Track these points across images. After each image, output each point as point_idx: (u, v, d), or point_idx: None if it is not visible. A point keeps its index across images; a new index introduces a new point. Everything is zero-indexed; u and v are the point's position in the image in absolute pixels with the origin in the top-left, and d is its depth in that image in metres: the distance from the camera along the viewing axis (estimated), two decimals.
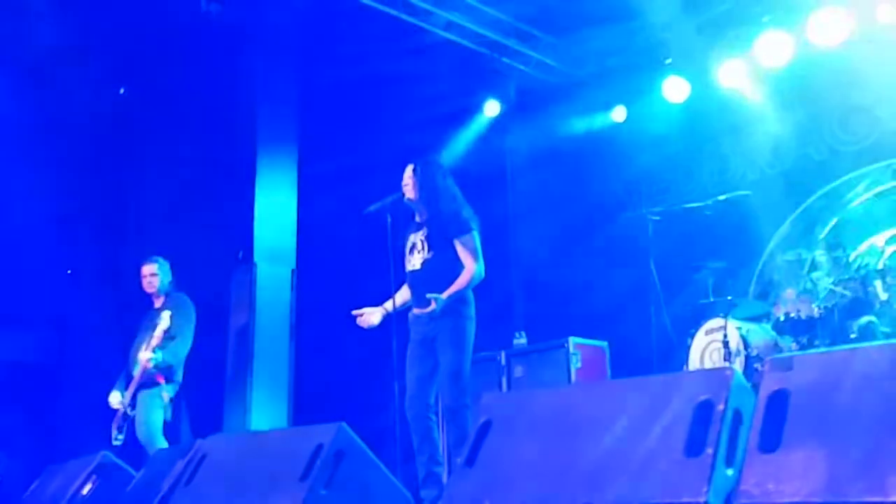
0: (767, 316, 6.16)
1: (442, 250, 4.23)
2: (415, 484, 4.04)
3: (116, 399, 5.36)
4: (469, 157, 7.79)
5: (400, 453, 4.26)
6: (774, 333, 5.85)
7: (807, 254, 6.06)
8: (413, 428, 4.14)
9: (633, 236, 6.27)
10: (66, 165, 7.46)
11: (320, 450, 2.72)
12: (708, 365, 5.90)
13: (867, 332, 5.28)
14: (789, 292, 5.89)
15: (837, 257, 5.85)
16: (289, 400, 6.57)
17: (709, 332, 6.03)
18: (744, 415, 1.91)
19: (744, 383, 1.97)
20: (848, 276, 5.67)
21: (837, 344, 5.14)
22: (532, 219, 8.57)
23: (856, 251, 6.24)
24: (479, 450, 2.36)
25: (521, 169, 8.83)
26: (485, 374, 6.33)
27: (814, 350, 4.46)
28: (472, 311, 4.21)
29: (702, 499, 1.78)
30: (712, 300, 6.04)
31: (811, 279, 5.87)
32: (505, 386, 6.38)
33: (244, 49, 7.18)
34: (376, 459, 2.92)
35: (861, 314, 5.40)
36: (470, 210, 4.36)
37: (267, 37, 7.12)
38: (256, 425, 6.27)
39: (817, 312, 5.56)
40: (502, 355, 6.49)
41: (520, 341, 6.75)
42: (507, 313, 7.97)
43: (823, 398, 1.77)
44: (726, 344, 5.68)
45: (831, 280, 5.70)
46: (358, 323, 4.44)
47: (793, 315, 5.72)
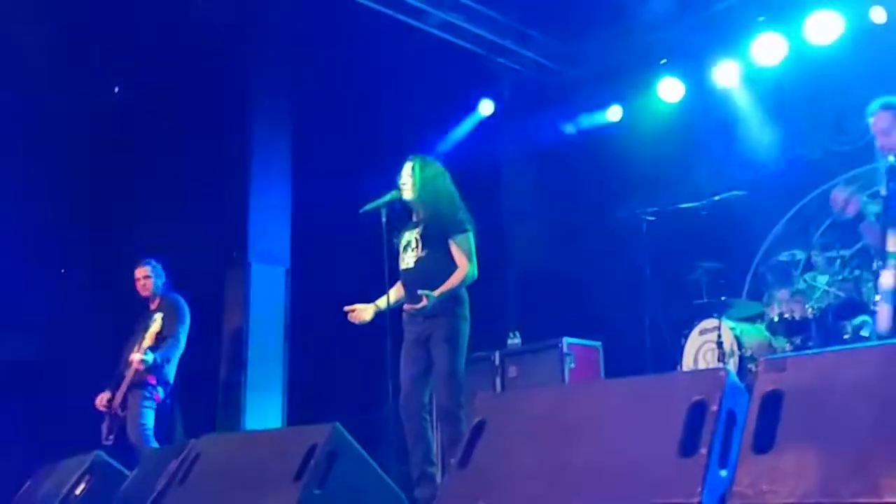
0: (761, 316, 6.16)
1: (436, 249, 4.23)
2: (409, 484, 4.04)
3: (104, 400, 5.35)
4: (463, 156, 7.77)
5: (394, 453, 4.26)
6: (768, 334, 5.85)
7: (801, 254, 6.07)
8: (407, 428, 4.14)
9: (628, 236, 6.27)
10: (58, 165, 7.43)
11: (314, 450, 2.72)
12: (702, 365, 5.90)
13: (861, 333, 5.28)
14: (783, 293, 5.89)
15: (831, 258, 5.85)
16: (283, 400, 6.56)
17: (703, 332, 6.04)
18: (737, 415, 1.91)
19: (738, 384, 1.97)
20: (842, 276, 5.67)
21: (831, 345, 5.14)
22: (526, 218, 8.57)
23: (850, 252, 6.24)
24: (474, 450, 2.36)
25: (515, 168, 8.82)
26: (479, 374, 6.32)
27: (808, 351, 4.46)
28: (466, 311, 4.21)
29: (695, 499, 1.78)
30: (706, 300, 6.04)
31: (805, 280, 5.87)
32: (499, 386, 6.38)
33: (238, 49, 7.16)
34: (370, 460, 2.92)
35: (855, 315, 5.41)
36: (466, 211, 4.36)
37: (261, 36, 7.11)
38: (250, 425, 6.26)
39: (811, 313, 5.56)
40: (496, 355, 6.49)
41: (514, 341, 6.75)
42: (501, 313, 7.96)
43: (817, 399, 1.77)
44: (720, 344, 5.68)
45: (825, 281, 5.70)
46: (349, 319, 4.43)
47: (787, 316, 5.72)
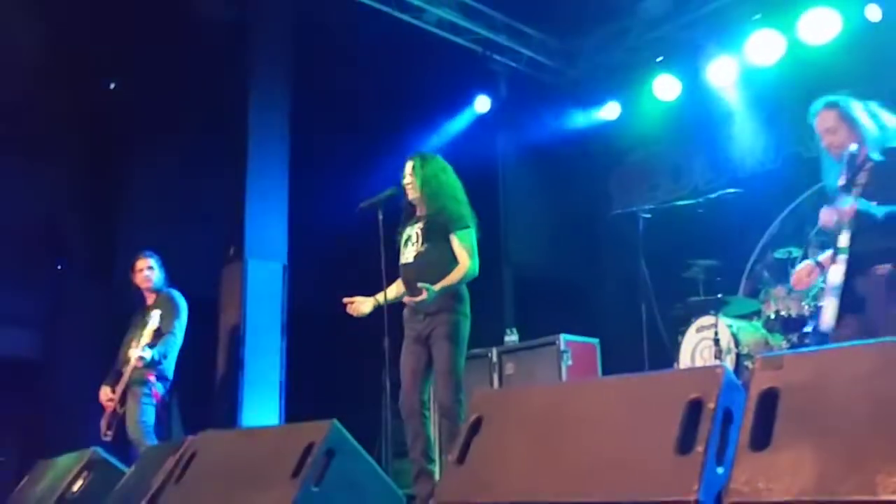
0: (758, 314, 6.17)
1: (436, 244, 4.23)
2: (406, 481, 4.05)
3: (106, 395, 5.34)
4: (460, 153, 7.76)
5: (391, 450, 4.27)
6: (765, 331, 5.86)
7: (797, 252, 6.07)
8: (407, 424, 4.14)
9: (624, 234, 6.27)
10: (55, 161, 7.42)
11: (312, 447, 2.72)
12: (699, 363, 5.91)
13: None
14: (780, 290, 5.90)
15: None
16: (280, 397, 6.56)
17: (699, 329, 6.05)
18: (734, 413, 1.91)
19: (734, 381, 1.97)
20: None
21: (827, 342, 5.15)
22: (523, 216, 8.58)
23: None
24: (470, 446, 2.37)
25: (512, 166, 8.83)
26: (476, 370, 6.33)
27: (804, 348, 4.47)
28: (467, 309, 4.21)
29: (692, 497, 1.78)
30: (703, 298, 6.05)
31: None
32: (496, 383, 6.39)
33: (236, 44, 7.15)
34: (368, 457, 2.92)
35: None
36: (469, 207, 4.36)
37: (259, 33, 7.10)
38: (248, 422, 6.26)
39: (808, 310, 5.57)
40: (494, 352, 6.50)
41: (511, 338, 6.75)
42: (498, 310, 7.98)
43: (813, 397, 1.78)
44: (717, 342, 5.69)
45: (821, 278, 5.71)
46: (348, 311, 4.43)
47: (783, 313, 5.73)
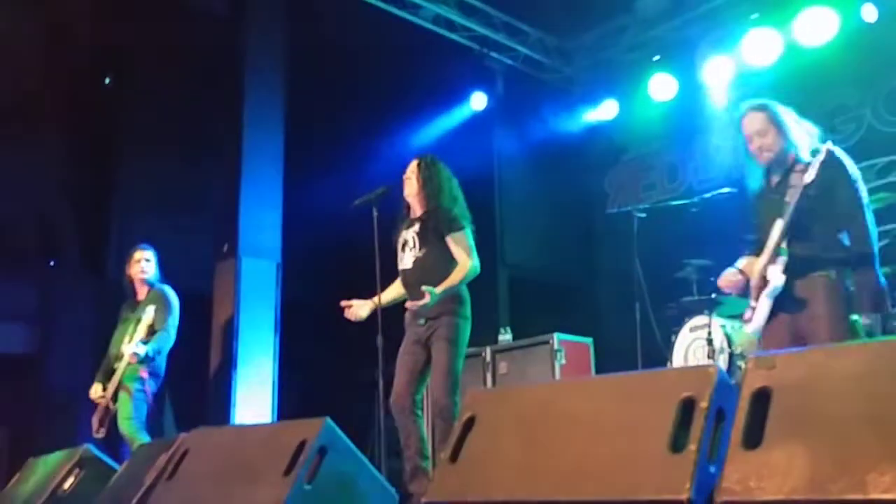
0: None
1: (434, 247, 4.23)
2: (399, 479, 4.04)
3: (97, 392, 5.32)
4: (456, 151, 7.78)
5: (384, 448, 4.26)
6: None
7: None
8: (399, 423, 4.13)
9: (619, 233, 6.28)
10: (49, 156, 7.40)
11: (304, 445, 2.72)
12: (692, 362, 5.92)
13: (850, 331, 5.29)
14: None
15: None
16: (273, 394, 6.55)
17: (693, 329, 6.05)
18: (727, 412, 1.91)
19: (727, 381, 1.98)
20: None
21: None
22: (518, 214, 8.58)
23: None
24: (463, 445, 2.36)
25: (508, 163, 8.83)
26: (470, 370, 6.31)
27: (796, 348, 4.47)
28: (468, 311, 4.22)
29: (684, 495, 1.79)
30: (697, 298, 6.05)
31: None
32: (490, 382, 6.39)
33: (231, 41, 7.14)
34: (360, 455, 2.92)
35: None
36: (465, 209, 4.36)
37: (254, 30, 7.08)
38: (240, 420, 6.25)
39: None
40: (487, 351, 6.49)
41: (505, 337, 6.75)
42: (492, 309, 7.98)
43: (805, 396, 1.78)
44: (710, 342, 5.70)
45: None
46: (346, 315, 4.43)
47: None
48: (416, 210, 4.39)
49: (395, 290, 4.46)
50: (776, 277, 3.56)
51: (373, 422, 5.44)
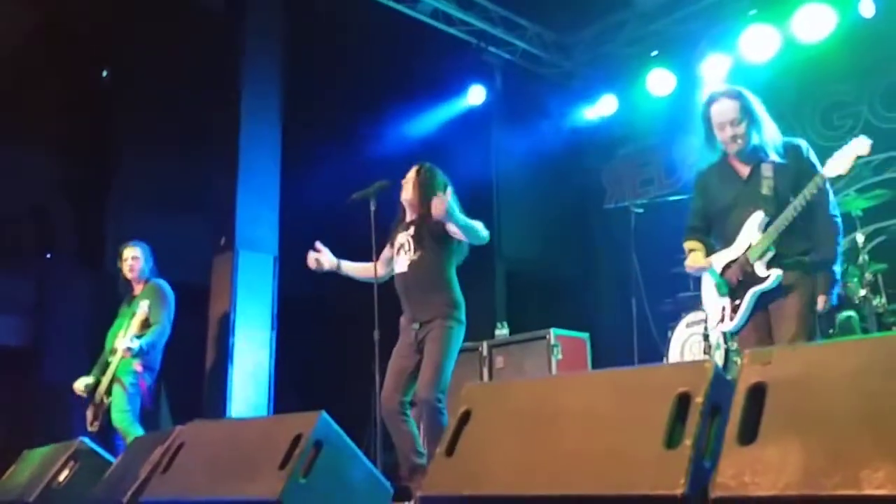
0: None
1: (429, 251, 4.23)
2: (394, 473, 4.04)
3: (82, 384, 5.32)
4: (454, 146, 7.78)
5: (380, 442, 4.27)
6: None
7: None
8: (389, 427, 4.12)
9: (616, 228, 6.29)
10: (46, 149, 7.39)
11: (300, 438, 2.71)
12: (688, 357, 5.93)
13: (846, 327, 5.31)
14: None
15: None
16: (269, 388, 6.55)
17: (689, 325, 6.07)
18: (722, 407, 1.91)
19: (722, 376, 1.98)
20: None
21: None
22: (516, 209, 8.58)
23: None
24: (459, 439, 2.36)
25: (505, 158, 8.83)
26: (466, 364, 6.33)
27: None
28: (462, 315, 4.22)
29: (679, 490, 1.79)
30: (693, 293, 6.06)
31: None
32: (486, 376, 6.39)
33: (229, 34, 7.13)
34: (356, 448, 2.92)
35: (840, 309, 5.43)
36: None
37: (251, 23, 7.07)
38: (236, 413, 6.25)
39: None
40: (484, 346, 6.50)
41: (501, 332, 6.76)
42: (489, 304, 7.98)
43: (801, 392, 1.78)
44: (706, 337, 5.71)
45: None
46: (308, 257, 4.51)
47: None
48: (412, 212, 4.39)
49: (358, 268, 4.55)
50: (770, 275, 3.54)
51: (369, 415, 5.44)
